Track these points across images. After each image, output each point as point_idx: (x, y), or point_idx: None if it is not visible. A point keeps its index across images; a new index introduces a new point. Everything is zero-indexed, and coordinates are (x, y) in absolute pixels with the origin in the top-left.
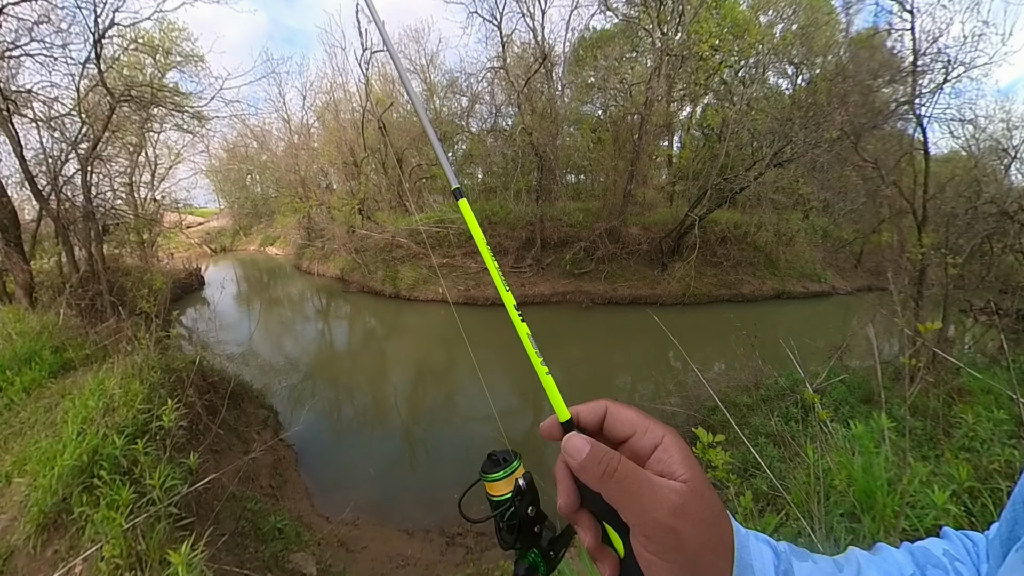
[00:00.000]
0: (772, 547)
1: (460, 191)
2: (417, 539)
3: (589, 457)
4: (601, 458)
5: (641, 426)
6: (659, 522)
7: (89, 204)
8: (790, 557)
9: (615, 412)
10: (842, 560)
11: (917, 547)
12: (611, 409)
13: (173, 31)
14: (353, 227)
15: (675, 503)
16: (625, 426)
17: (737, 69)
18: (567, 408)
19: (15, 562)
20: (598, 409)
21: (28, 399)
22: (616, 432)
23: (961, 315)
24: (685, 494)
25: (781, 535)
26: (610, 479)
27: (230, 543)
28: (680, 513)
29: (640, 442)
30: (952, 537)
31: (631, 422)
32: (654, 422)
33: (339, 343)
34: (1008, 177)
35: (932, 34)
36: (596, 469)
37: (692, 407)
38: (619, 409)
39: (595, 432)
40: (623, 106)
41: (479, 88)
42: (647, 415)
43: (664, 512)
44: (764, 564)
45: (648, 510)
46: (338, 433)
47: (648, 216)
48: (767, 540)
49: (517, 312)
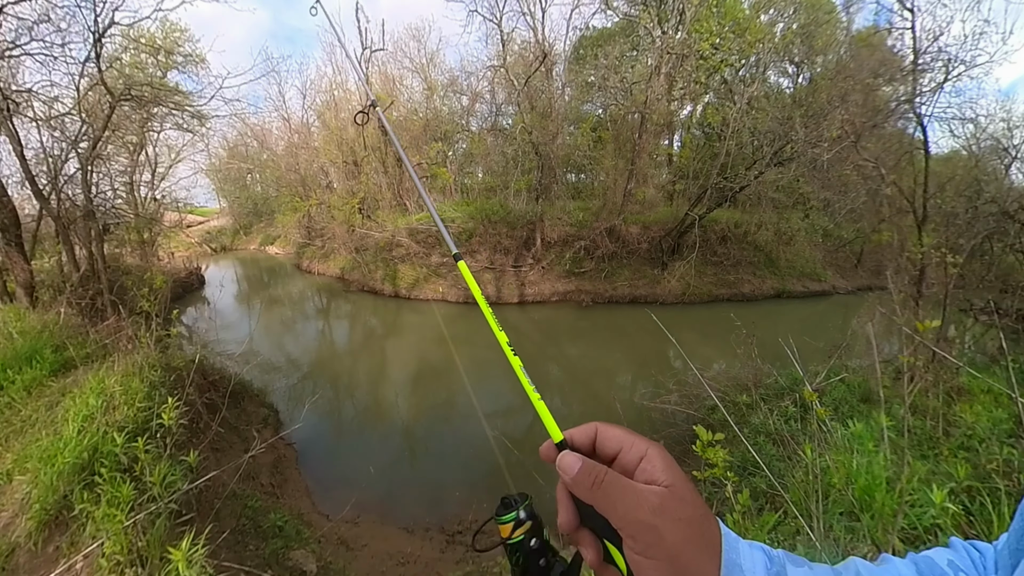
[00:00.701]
0: (765, 552)
1: (459, 255)
2: (417, 537)
3: (580, 472)
4: (590, 471)
5: (627, 442)
6: (640, 521)
7: (89, 203)
8: (784, 562)
9: (604, 431)
10: (841, 569)
11: (921, 557)
12: (600, 429)
13: (175, 31)
14: (353, 226)
15: (654, 503)
16: (613, 443)
17: (738, 68)
18: (560, 431)
19: (17, 559)
20: (589, 430)
21: (29, 398)
22: (606, 449)
23: (961, 314)
24: (664, 495)
25: (779, 533)
26: (598, 489)
27: (230, 540)
28: (659, 512)
29: (627, 456)
30: (958, 547)
31: (618, 439)
32: (639, 438)
33: (339, 342)
34: (1008, 177)
35: (933, 33)
36: (586, 481)
37: (692, 405)
38: (607, 428)
39: (589, 452)
40: (623, 105)
41: (479, 87)
42: (633, 432)
43: (644, 511)
44: (755, 565)
45: (631, 511)
46: (339, 431)
47: (648, 215)
48: (761, 546)
49: (510, 348)
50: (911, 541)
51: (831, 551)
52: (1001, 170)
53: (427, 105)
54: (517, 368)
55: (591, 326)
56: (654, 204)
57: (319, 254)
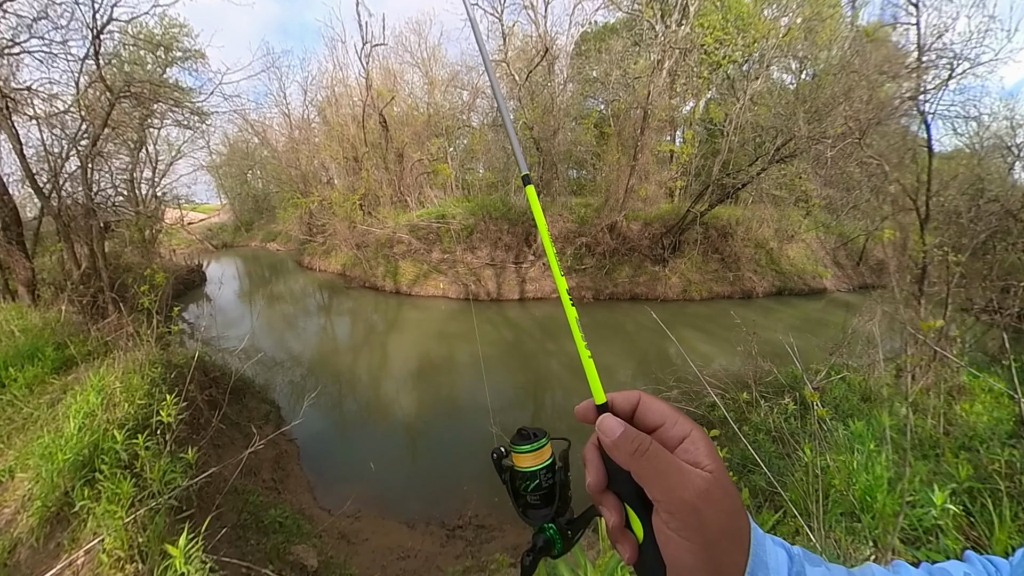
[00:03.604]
0: (787, 550)
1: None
2: (418, 531)
3: (623, 436)
4: (634, 438)
5: (671, 418)
6: (684, 501)
7: (90, 201)
8: (803, 561)
9: (647, 402)
10: (857, 573)
11: (937, 568)
12: (644, 399)
13: (173, 27)
14: (354, 222)
15: (701, 487)
16: (656, 415)
17: (741, 63)
18: (604, 393)
19: (19, 554)
20: (632, 397)
21: (31, 395)
22: (647, 421)
23: (962, 313)
24: (711, 481)
25: (778, 533)
26: (641, 456)
27: (232, 535)
28: (705, 497)
29: (669, 432)
30: (974, 561)
31: (662, 413)
32: (683, 416)
33: (341, 338)
34: (1012, 175)
35: (938, 29)
36: (629, 447)
37: (692, 403)
38: (651, 400)
39: (627, 419)
40: (625, 100)
41: (480, 82)
42: (678, 410)
43: (690, 493)
44: (778, 564)
45: (675, 488)
46: (340, 427)
47: (650, 211)
48: (782, 543)
49: (568, 296)
50: (911, 542)
51: (831, 552)
52: (1004, 169)
53: (428, 100)
54: (572, 320)
55: (591, 323)
56: (655, 200)
57: (320, 251)
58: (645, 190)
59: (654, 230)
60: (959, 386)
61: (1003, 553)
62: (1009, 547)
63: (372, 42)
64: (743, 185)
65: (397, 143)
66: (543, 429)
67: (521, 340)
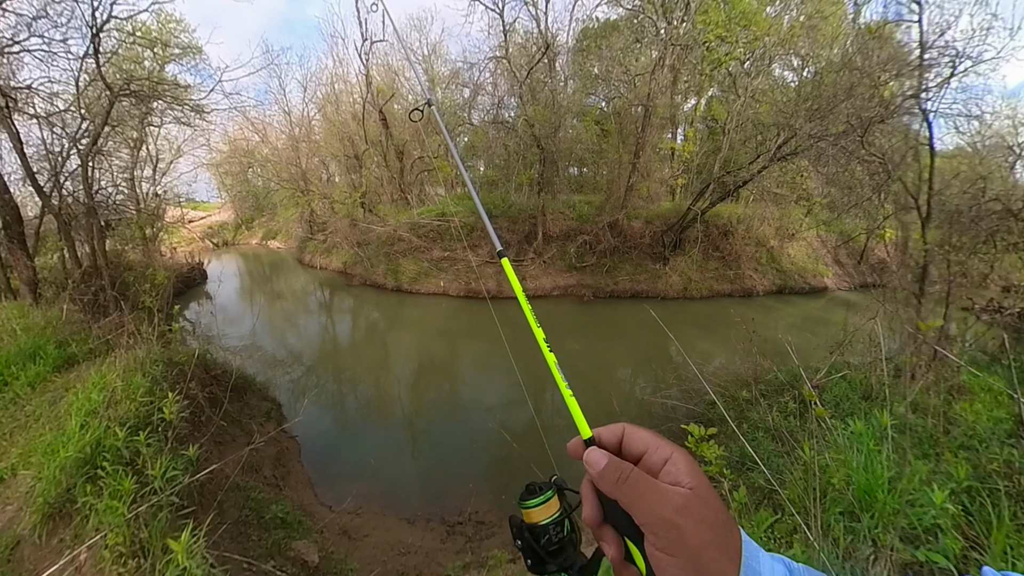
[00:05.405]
0: (786, 565)
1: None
2: (418, 528)
3: (607, 467)
4: (616, 467)
5: (653, 444)
6: (663, 518)
7: (91, 199)
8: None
9: (631, 432)
10: None
11: None
12: (628, 430)
13: (170, 22)
14: (355, 220)
15: (678, 503)
16: (639, 444)
17: (743, 61)
18: (589, 428)
19: (22, 551)
20: (616, 430)
21: (33, 393)
22: (632, 450)
23: (963, 312)
24: (688, 496)
25: (777, 532)
26: (623, 484)
27: (233, 531)
28: (682, 511)
29: (652, 458)
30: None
31: (644, 441)
32: (665, 441)
33: (342, 336)
34: (1013, 175)
35: (940, 27)
36: (612, 477)
37: (692, 400)
38: (634, 430)
39: (615, 451)
40: (627, 98)
41: (481, 78)
42: (660, 435)
43: (668, 510)
44: (774, 575)
45: (654, 508)
46: (341, 424)
47: (650, 209)
48: (783, 559)
49: (546, 344)
50: (910, 540)
51: (830, 551)
52: (1006, 168)
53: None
54: (552, 364)
55: (592, 320)
56: (657, 198)
57: (321, 248)
58: (646, 188)
59: (655, 228)
60: (959, 385)
61: (1001, 553)
62: (1007, 547)
63: (372, 39)
64: (744, 183)
65: (397, 140)
66: (551, 482)
67: (521, 338)
